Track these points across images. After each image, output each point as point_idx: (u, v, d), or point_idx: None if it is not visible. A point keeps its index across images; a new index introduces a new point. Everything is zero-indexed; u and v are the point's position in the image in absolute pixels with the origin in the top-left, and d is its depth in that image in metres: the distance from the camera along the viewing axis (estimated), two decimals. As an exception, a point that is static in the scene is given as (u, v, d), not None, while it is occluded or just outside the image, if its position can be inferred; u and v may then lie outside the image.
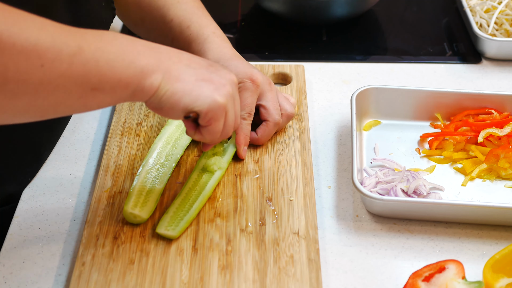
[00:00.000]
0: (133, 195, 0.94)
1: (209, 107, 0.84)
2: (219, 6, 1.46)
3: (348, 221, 0.97)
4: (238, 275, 0.86)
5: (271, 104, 1.03)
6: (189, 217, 0.92)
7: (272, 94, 1.04)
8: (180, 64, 0.84)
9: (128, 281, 0.86)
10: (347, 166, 1.06)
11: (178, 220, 0.91)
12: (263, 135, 1.04)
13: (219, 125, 0.87)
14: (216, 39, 1.07)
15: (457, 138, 1.07)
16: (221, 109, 0.85)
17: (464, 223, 0.96)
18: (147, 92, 0.80)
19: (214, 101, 0.84)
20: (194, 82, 0.83)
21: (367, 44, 1.37)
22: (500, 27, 1.31)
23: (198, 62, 0.87)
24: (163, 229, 0.90)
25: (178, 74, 0.82)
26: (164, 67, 0.81)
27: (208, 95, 0.84)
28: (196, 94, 0.83)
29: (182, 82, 0.82)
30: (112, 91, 0.78)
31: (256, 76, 1.02)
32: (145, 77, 0.79)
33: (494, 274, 0.86)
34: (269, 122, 1.03)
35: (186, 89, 0.83)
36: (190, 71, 0.84)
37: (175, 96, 0.82)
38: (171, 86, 0.82)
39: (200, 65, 0.86)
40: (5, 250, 0.92)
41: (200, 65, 0.86)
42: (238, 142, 1.02)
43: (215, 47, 1.06)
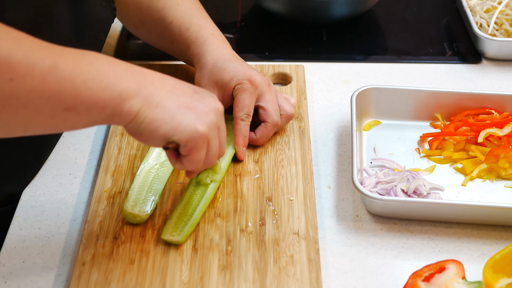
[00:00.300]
0: (132, 195, 0.94)
1: (189, 137, 0.81)
2: (219, 6, 1.46)
3: (348, 221, 0.97)
4: (238, 275, 0.86)
5: (270, 105, 1.03)
6: (194, 221, 0.92)
7: (271, 95, 1.03)
8: (162, 90, 0.81)
9: (128, 281, 0.86)
10: (347, 166, 1.06)
11: (182, 225, 0.91)
12: (262, 136, 1.03)
13: (201, 155, 0.84)
14: (215, 41, 1.07)
15: (457, 138, 1.07)
16: (202, 138, 0.82)
17: (464, 223, 0.96)
18: (125, 117, 0.78)
19: (194, 130, 0.81)
20: (175, 109, 0.80)
21: (367, 44, 1.37)
22: (500, 27, 1.31)
23: (182, 88, 0.84)
24: (168, 235, 0.90)
25: (159, 100, 0.79)
26: (145, 93, 0.79)
27: (189, 123, 0.80)
28: (177, 122, 0.80)
29: (163, 109, 0.79)
30: (87, 112, 0.75)
31: (255, 77, 1.01)
32: (123, 101, 0.77)
33: (494, 274, 0.86)
34: (268, 123, 1.03)
35: (166, 117, 0.79)
36: (172, 98, 0.81)
37: (154, 124, 0.79)
38: (150, 113, 0.79)
39: (184, 91, 0.83)
40: (5, 250, 0.92)
41: (184, 92, 0.83)
42: (237, 143, 1.01)
43: (214, 49, 1.05)
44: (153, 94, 0.79)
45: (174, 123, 0.80)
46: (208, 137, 0.83)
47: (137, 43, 1.33)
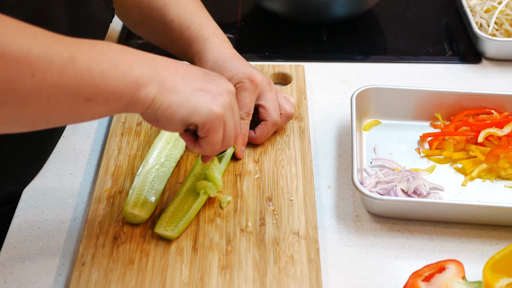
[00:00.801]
0: (133, 195, 0.94)
1: (206, 118, 0.82)
2: (219, 6, 1.46)
3: (348, 221, 0.97)
4: (238, 275, 0.86)
5: (270, 104, 1.03)
6: (188, 217, 0.92)
7: (272, 94, 1.04)
8: (175, 74, 0.82)
9: (128, 281, 0.86)
10: (347, 166, 1.06)
11: (177, 220, 0.91)
12: (261, 134, 1.04)
13: (219, 136, 0.85)
14: (216, 39, 1.07)
15: (457, 138, 1.07)
16: (218, 119, 0.83)
17: (464, 223, 0.96)
18: (142, 104, 0.79)
19: (211, 111, 0.82)
20: (190, 92, 0.82)
21: (367, 44, 1.37)
22: (500, 27, 1.31)
23: (194, 72, 0.85)
24: (161, 229, 0.90)
25: (173, 85, 0.81)
26: (159, 78, 0.80)
27: (204, 105, 0.82)
28: (192, 105, 0.81)
29: (178, 93, 0.81)
30: (106, 102, 0.76)
31: (255, 76, 1.02)
32: (139, 88, 0.78)
33: (494, 274, 0.86)
34: (267, 122, 1.03)
35: (182, 100, 0.81)
36: (185, 82, 0.82)
37: (171, 108, 0.80)
38: (166, 98, 0.80)
39: (196, 75, 0.84)
40: (5, 250, 0.92)
41: (196, 75, 0.84)
42: (236, 142, 1.01)
43: (215, 47, 1.06)
44: (167, 79, 0.80)
45: (190, 105, 0.81)
46: (224, 117, 0.84)
47: (137, 43, 1.33)
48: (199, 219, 0.93)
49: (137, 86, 0.78)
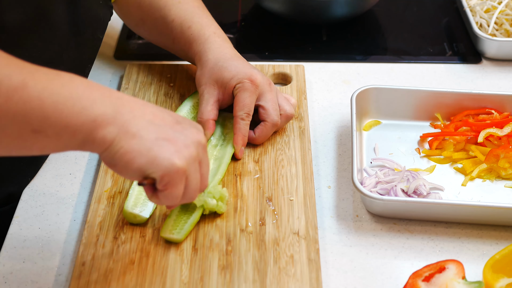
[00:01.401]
0: (133, 195, 0.94)
1: (165, 171, 0.76)
2: (219, 6, 1.46)
3: (348, 221, 0.97)
4: (238, 275, 0.86)
5: (270, 105, 1.02)
6: (194, 219, 0.91)
7: (272, 95, 1.03)
8: (141, 119, 0.76)
9: (128, 281, 0.86)
10: (347, 166, 1.06)
11: (182, 223, 0.91)
12: (261, 135, 1.03)
13: (178, 191, 0.79)
14: (217, 39, 1.07)
15: (457, 138, 1.07)
16: (179, 173, 0.77)
17: (464, 223, 0.96)
18: (98, 145, 0.74)
19: (171, 165, 0.76)
20: (153, 141, 0.76)
21: (367, 44, 1.37)
22: (500, 27, 1.31)
23: (163, 117, 0.79)
24: (167, 233, 0.90)
25: (136, 130, 0.75)
26: (122, 120, 0.74)
27: (166, 157, 0.76)
28: (153, 155, 0.75)
29: (139, 140, 0.75)
30: (57, 136, 0.72)
31: (255, 77, 1.01)
32: (97, 128, 0.73)
33: (494, 274, 0.86)
34: (267, 123, 1.03)
35: (143, 148, 0.75)
36: (151, 128, 0.76)
37: (129, 155, 0.74)
38: (126, 143, 0.74)
39: (165, 121, 0.79)
40: (5, 250, 0.92)
41: (165, 122, 0.79)
42: (235, 142, 1.01)
43: (216, 47, 1.06)
44: (130, 122, 0.75)
45: (150, 155, 0.75)
46: (187, 172, 0.78)
47: (137, 43, 1.33)
48: (199, 219, 0.93)
49: (95, 125, 0.73)
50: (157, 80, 1.18)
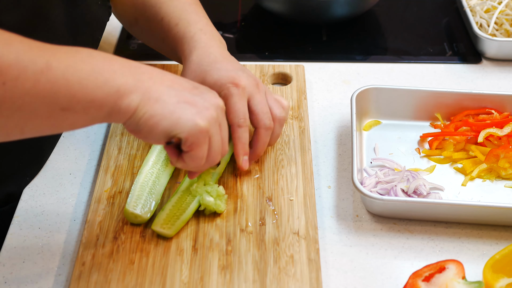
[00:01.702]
0: (133, 195, 0.94)
1: (190, 131, 0.79)
2: (219, 6, 1.46)
3: (348, 221, 0.97)
4: (238, 275, 0.86)
5: (260, 108, 0.95)
6: (186, 216, 0.92)
7: (260, 97, 0.96)
8: (161, 84, 0.79)
9: (128, 281, 0.86)
10: (347, 166, 1.06)
11: (174, 218, 0.91)
12: (257, 145, 0.97)
13: (203, 151, 0.82)
14: (203, 37, 1.01)
15: (457, 138, 1.07)
16: (203, 133, 0.80)
17: (464, 223, 0.96)
18: (124, 114, 0.76)
19: (195, 125, 0.79)
20: (175, 104, 0.78)
21: (367, 44, 1.37)
22: (500, 27, 1.31)
23: (181, 83, 0.82)
24: (158, 226, 0.90)
25: (158, 95, 0.78)
26: (143, 87, 0.77)
27: (189, 118, 0.79)
28: (177, 117, 0.78)
29: (162, 104, 0.78)
30: (85, 111, 0.74)
31: (239, 79, 0.94)
32: (121, 97, 0.75)
33: (494, 274, 0.86)
34: (260, 129, 0.96)
35: (166, 112, 0.78)
36: (171, 92, 0.79)
37: (153, 119, 0.77)
38: (150, 108, 0.77)
39: (184, 86, 0.81)
40: (5, 250, 0.92)
41: (184, 87, 0.81)
42: (237, 154, 0.95)
43: (201, 47, 0.99)
44: (151, 89, 0.78)
45: (173, 117, 0.78)
46: (209, 132, 0.81)
47: (137, 43, 1.33)
48: (199, 219, 0.93)
49: (119, 95, 0.75)
50: (157, 80, 1.18)
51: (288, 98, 1.14)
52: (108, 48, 1.31)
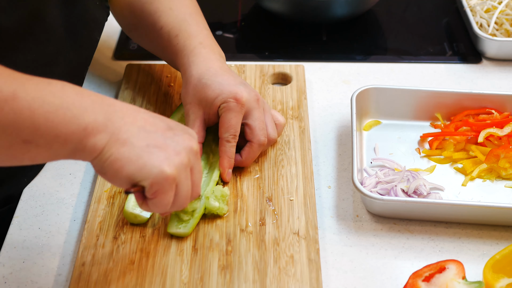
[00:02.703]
0: (133, 195, 0.94)
1: (155, 179, 0.75)
2: (219, 6, 1.46)
3: (348, 221, 0.97)
4: (238, 275, 0.86)
5: (257, 124, 0.97)
6: (198, 213, 0.92)
7: (259, 113, 0.97)
8: (132, 125, 0.76)
9: (128, 281, 0.86)
10: (347, 166, 1.06)
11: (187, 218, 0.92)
12: (247, 157, 0.98)
13: (167, 198, 0.78)
14: (203, 51, 1.00)
15: (457, 138, 1.07)
16: (168, 181, 0.76)
17: (464, 223, 0.96)
18: (89, 153, 0.73)
19: (161, 172, 0.75)
20: (143, 147, 0.75)
21: (367, 44, 1.37)
22: (500, 27, 1.31)
23: (155, 123, 0.78)
24: (174, 228, 0.90)
25: (126, 137, 0.74)
26: (113, 127, 0.74)
27: (155, 164, 0.75)
28: (143, 162, 0.74)
29: (129, 147, 0.74)
30: (48, 146, 0.71)
31: (241, 95, 0.95)
32: (88, 136, 0.72)
33: (494, 274, 0.86)
34: (253, 144, 0.97)
35: (132, 156, 0.74)
36: (141, 135, 0.76)
37: (119, 162, 0.74)
38: (116, 150, 0.74)
39: (157, 127, 0.78)
40: (5, 250, 0.92)
41: (157, 128, 0.78)
42: (221, 165, 0.97)
43: (201, 61, 0.99)
44: (121, 129, 0.74)
45: (139, 163, 0.74)
46: (176, 179, 0.77)
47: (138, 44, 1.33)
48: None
49: (85, 133, 0.72)
50: (157, 80, 1.18)
51: (288, 98, 1.14)
52: (108, 49, 1.31)
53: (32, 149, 0.71)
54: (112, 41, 1.33)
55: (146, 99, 1.14)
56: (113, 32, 1.35)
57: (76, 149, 0.73)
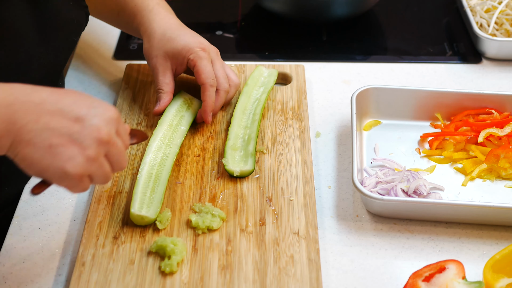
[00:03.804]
0: (137, 198, 0.93)
1: (59, 179, 0.76)
2: (219, 6, 1.46)
3: (348, 221, 0.97)
4: (238, 275, 0.86)
5: (221, 73, 1.06)
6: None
7: (220, 63, 1.07)
8: (36, 124, 0.74)
9: (128, 281, 0.86)
10: (347, 166, 1.06)
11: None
12: (217, 105, 1.07)
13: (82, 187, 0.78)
14: (161, 10, 1.09)
15: (457, 138, 1.07)
16: (74, 179, 0.76)
17: (464, 223, 0.96)
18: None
19: (64, 174, 0.75)
20: (46, 148, 0.74)
21: (367, 44, 1.37)
22: (500, 27, 1.31)
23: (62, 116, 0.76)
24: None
25: (29, 138, 0.74)
26: (15, 129, 0.74)
27: (58, 166, 0.75)
28: (46, 164, 0.75)
29: (33, 148, 0.74)
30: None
31: (205, 44, 1.05)
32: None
33: (494, 274, 0.86)
34: (220, 91, 1.07)
35: (36, 157, 0.74)
36: (44, 135, 0.74)
37: (25, 162, 0.75)
38: (21, 150, 0.74)
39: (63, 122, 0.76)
40: (5, 250, 0.92)
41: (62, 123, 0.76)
42: (205, 109, 1.05)
43: (161, 18, 1.08)
44: (23, 130, 0.74)
45: (43, 164, 0.75)
46: (86, 173, 0.77)
47: (137, 43, 1.33)
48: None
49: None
50: (157, 80, 1.18)
51: (288, 98, 1.14)
52: (108, 49, 1.31)
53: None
54: (112, 41, 1.33)
55: (146, 99, 1.14)
56: (113, 32, 1.35)
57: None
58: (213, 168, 1.01)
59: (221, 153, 1.04)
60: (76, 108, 0.77)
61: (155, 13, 1.08)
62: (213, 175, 1.00)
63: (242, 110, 1.09)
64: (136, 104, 1.13)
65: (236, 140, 1.04)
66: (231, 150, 1.02)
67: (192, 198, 0.97)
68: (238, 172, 0.98)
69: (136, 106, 1.13)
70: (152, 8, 1.09)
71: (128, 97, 1.15)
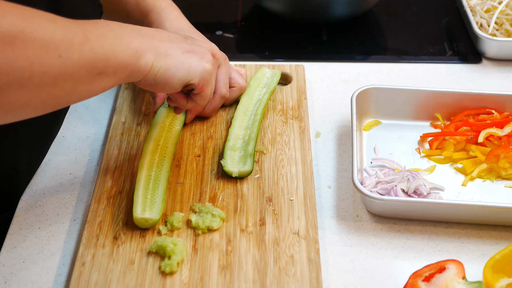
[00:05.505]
0: (138, 200, 0.93)
1: (201, 75, 0.91)
2: (219, 6, 1.46)
3: (348, 221, 0.97)
4: (238, 275, 0.86)
5: (222, 78, 1.07)
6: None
7: (226, 68, 1.09)
8: (164, 41, 0.88)
9: (128, 281, 0.86)
10: (347, 166, 1.06)
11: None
12: (210, 107, 1.09)
13: (211, 89, 0.95)
14: (174, 11, 1.12)
15: (457, 138, 1.07)
16: (210, 74, 0.93)
17: (464, 223, 0.96)
18: (142, 71, 0.85)
19: (204, 69, 0.91)
20: (181, 55, 0.89)
21: (367, 44, 1.37)
22: (500, 27, 1.31)
23: (176, 36, 0.92)
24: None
25: (165, 50, 0.87)
26: (153, 46, 0.86)
27: (197, 64, 0.91)
28: (187, 65, 0.89)
29: (172, 57, 0.88)
30: (114, 74, 0.81)
31: (215, 50, 1.06)
32: (140, 57, 0.84)
33: (494, 274, 0.86)
34: (215, 95, 1.08)
35: (177, 63, 0.88)
36: (174, 46, 0.89)
37: (169, 71, 0.87)
38: (163, 63, 0.87)
39: (179, 39, 0.92)
40: (5, 250, 0.92)
41: (179, 39, 0.92)
42: (190, 110, 1.08)
43: (173, 18, 1.10)
44: (158, 46, 0.87)
45: (185, 67, 0.89)
46: (213, 73, 0.94)
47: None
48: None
49: (138, 55, 0.83)
50: (157, 80, 1.18)
51: (288, 98, 1.14)
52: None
53: (104, 79, 0.81)
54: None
55: (146, 99, 1.14)
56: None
57: (132, 71, 0.84)
58: (213, 168, 1.01)
59: (221, 153, 1.04)
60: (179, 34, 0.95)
61: (168, 12, 1.11)
62: (213, 175, 1.00)
63: (243, 111, 1.09)
64: (136, 105, 1.13)
65: (236, 141, 1.04)
66: (231, 151, 1.02)
67: (192, 198, 0.97)
68: (237, 173, 0.98)
69: (136, 106, 1.13)
70: (165, 7, 1.11)
71: (128, 97, 1.15)
